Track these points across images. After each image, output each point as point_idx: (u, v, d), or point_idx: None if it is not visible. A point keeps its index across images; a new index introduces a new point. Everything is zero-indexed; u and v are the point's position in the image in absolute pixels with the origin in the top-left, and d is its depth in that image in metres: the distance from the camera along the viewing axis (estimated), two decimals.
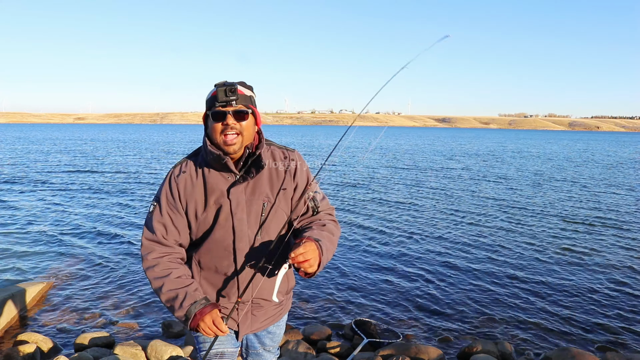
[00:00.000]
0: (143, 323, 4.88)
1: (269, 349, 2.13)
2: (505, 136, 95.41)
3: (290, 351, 4.06)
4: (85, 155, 27.06)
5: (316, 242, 1.71)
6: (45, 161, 22.71)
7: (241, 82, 1.83)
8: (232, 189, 1.80)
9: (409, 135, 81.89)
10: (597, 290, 5.99)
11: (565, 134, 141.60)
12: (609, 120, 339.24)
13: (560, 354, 4.02)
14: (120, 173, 18.15)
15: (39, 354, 4.00)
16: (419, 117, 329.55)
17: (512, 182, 17.19)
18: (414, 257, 7.30)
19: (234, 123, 1.73)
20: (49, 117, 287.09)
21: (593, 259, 7.32)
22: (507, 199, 13.18)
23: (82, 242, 7.84)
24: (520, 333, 4.79)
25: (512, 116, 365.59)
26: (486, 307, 5.41)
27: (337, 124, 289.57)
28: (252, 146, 1.83)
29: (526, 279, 6.36)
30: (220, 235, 1.83)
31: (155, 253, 1.83)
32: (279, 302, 2.02)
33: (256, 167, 1.81)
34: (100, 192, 13.35)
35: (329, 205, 1.98)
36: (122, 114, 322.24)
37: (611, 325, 4.98)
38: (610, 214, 11.11)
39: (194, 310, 1.73)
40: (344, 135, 2.08)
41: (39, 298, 5.39)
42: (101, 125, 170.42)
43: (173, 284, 1.78)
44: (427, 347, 4.14)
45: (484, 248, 7.87)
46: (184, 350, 4.08)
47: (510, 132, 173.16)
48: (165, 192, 1.85)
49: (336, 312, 5.24)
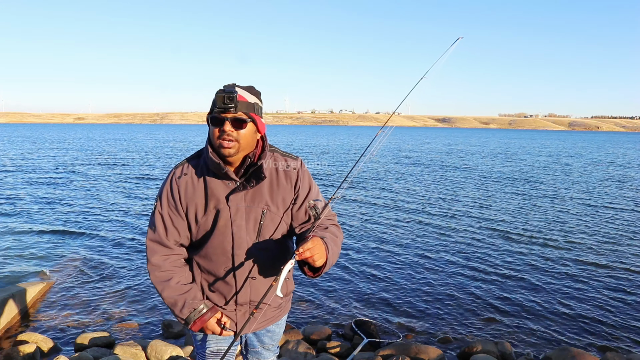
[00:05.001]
0: (143, 323, 4.88)
1: (268, 347, 2.14)
2: (509, 135, 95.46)
3: (290, 351, 4.06)
4: (85, 154, 27.07)
5: (322, 239, 1.72)
6: (45, 161, 22.71)
7: (249, 87, 1.80)
8: (232, 195, 1.80)
9: (409, 135, 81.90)
10: (597, 290, 5.98)
11: (566, 134, 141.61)
12: (609, 120, 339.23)
13: (560, 354, 4.02)
14: (121, 173, 18.15)
15: (39, 354, 4.00)
16: (419, 117, 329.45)
17: (513, 184, 17.19)
18: (414, 257, 7.30)
19: (231, 130, 1.71)
20: (49, 117, 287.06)
21: (593, 259, 7.32)
22: (507, 199, 13.19)
23: (82, 242, 7.84)
24: (520, 333, 4.79)
25: (512, 116, 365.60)
26: (486, 307, 5.41)
27: (337, 124, 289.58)
28: (255, 155, 1.81)
29: (526, 279, 6.36)
30: (219, 241, 1.84)
31: (157, 255, 1.86)
32: (278, 305, 2.03)
33: (256, 177, 1.80)
34: (101, 191, 13.35)
35: (330, 212, 1.98)
36: (122, 114, 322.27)
37: (611, 325, 4.98)
38: (610, 214, 11.11)
39: (193, 318, 1.83)
40: (371, 142, 2.19)
41: (39, 298, 5.39)
42: (101, 125, 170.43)
43: (173, 291, 1.84)
44: (427, 347, 4.14)
45: (484, 248, 7.87)
46: (184, 350, 4.08)
47: (511, 132, 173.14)
48: (166, 193, 1.86)
49: (336, 312, 5.24)
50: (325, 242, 1.73)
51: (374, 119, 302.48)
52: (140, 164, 22.43)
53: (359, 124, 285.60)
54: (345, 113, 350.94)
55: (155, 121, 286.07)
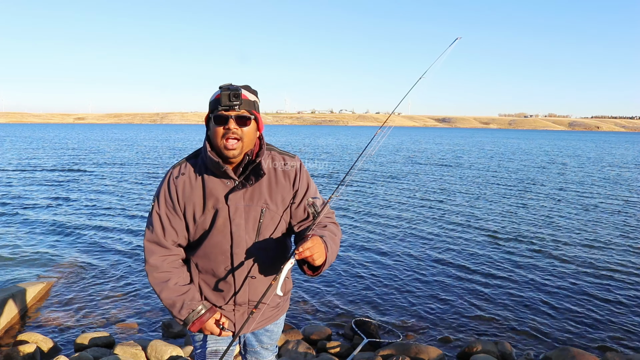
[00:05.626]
0: (143, 323, 4.88)
1: (267, 347, 2.14)
2: (509, 135, 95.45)
3: (290, 351, 4.06)
4: (85, 154, 27.06)
5: (321, 237, 1.73)
6: (45, 161, 22.72)
7: (246, 85, 1.81)
8: (231, 194, 1.80)
9: (410, 135, 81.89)
10: (597, 290, 5.98)
11: (566, 134, 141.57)
12: (609, 120, 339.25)
13: (560, 354, 4.02)
14: (121, 173, 18.15)
15: (39, 354, 4.00)
16: (418, 117, 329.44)
17: (514, 184, 17.20)
18: (414, 257, 7.30)
19: (236, 128, 1.72)
20: (49, 117, 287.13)
21: (593, 259, 7.32)
22: (507, 199, 13.19)
23: (82, 242, 7.84)
24: (520, 333, 4.79)
25: (512, 116, 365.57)
26: (486, 307, 5.41)
27: (337, 124, 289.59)
28: (253, 153, 1.82)
29: (526, 279, 6.36)
30: (218, 240, 1.84)
31: (155, 256, 1.86)
32: (276, 304, 2.03)
33: (255, 174, 1.80)
34: (100, 191, 13.35)
35: (329, 209, 1.98)
36: (122, 114, 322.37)
37: (611, 325, 4.98)
38: (611, 214, 11.11)
39: (192, 319, 1.84)
40: (370, 141, 2.19)
41: (39, 298, 5.39)
42: (101, 125, 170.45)
43: (171, 292, 1.84)
44: (427, 347, 4.14)
45: (484, 248, 7.87)
46: (184, 350, 4.08)
47: (511, 132, 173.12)
48: (163, 193, 1.85)
49: (336, 312, 5.24)
50: (325, 240, 1.73)
51: (374, 119, 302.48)
52: (140, 164, 22.43)
53: (359, 124, 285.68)
54: (345, 113, 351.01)
55: (155, 121, 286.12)
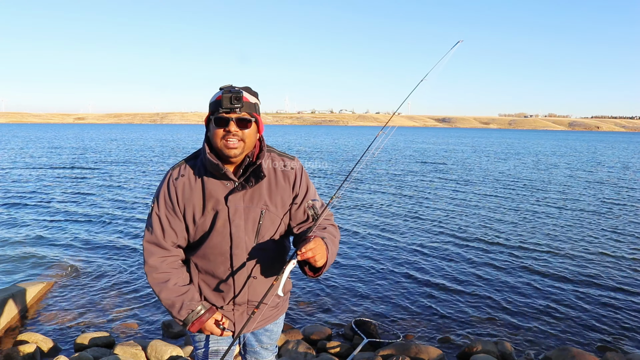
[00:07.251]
0: (143, 323, 4.88)
1: (267, 347, 2.14)
2: (509, 135, 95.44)
3: (290, 351, 4.06)
4: (85, 154, 27.06)
5: (322, 239, 1.73)
6: (45, 161, 22.71)
7: (246, 87, 1.81)
8: (231, 196, 1.81)
9: (409, 135, 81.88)
10: (597, 290, 5.98)
11: (565, 134, 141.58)
12: (609, 120, 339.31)
13: (560, 354, 4.02)
14: (121, 172, 18.15)
15: (39, 354, 4.00)
16: (418, 117, 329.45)
17: (515, 184, 17.20)
18: (414, 257, 7.30)
19: (236, 130, 1.73)
20: (49, 117, 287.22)
21: (593, 259, 7.32)
22: (507, 200, 13.19)
23: (82, 242, 7.84)
24: (520, 333, 4.79)
25: (512, 116, 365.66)
26: (486, 307, 5.41)
27: (337, 124, 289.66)
28: (253, 155, 1.82)
29: (526, 279, 6.36)
30: (218, 241, 1.84)
31: (154, 257, 1.86)
32: (276, 304, 2.04)
33: (255, 176, 1.81)
34: (100, 192, 13.34)
35: (328, 211, 1.99)
36: (122, 114, 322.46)
37: (611, 325, 4.98)
38: (611, 214, 11.10)
39: (191, 319, 1.84)
40: (372, 143, 2.19)
41: (39, 298, 5.39)
42: (101, 125, 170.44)
43: (170, 292, 1.84)
44: (427, 347, 4.14)
45: (484, 248, 7.87)
46: (184, 350, 4.08)
47: (511, 132, 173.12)
48: (163, 195, 1.85)
49: (336, 312, 5.24)
50: (325, 242, 1.74)
51: (374, 119, 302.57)
52: (140, 164, 22.43)
53: (359, 124, 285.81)
54: (345, 113, 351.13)
55: (155, 121, 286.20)
